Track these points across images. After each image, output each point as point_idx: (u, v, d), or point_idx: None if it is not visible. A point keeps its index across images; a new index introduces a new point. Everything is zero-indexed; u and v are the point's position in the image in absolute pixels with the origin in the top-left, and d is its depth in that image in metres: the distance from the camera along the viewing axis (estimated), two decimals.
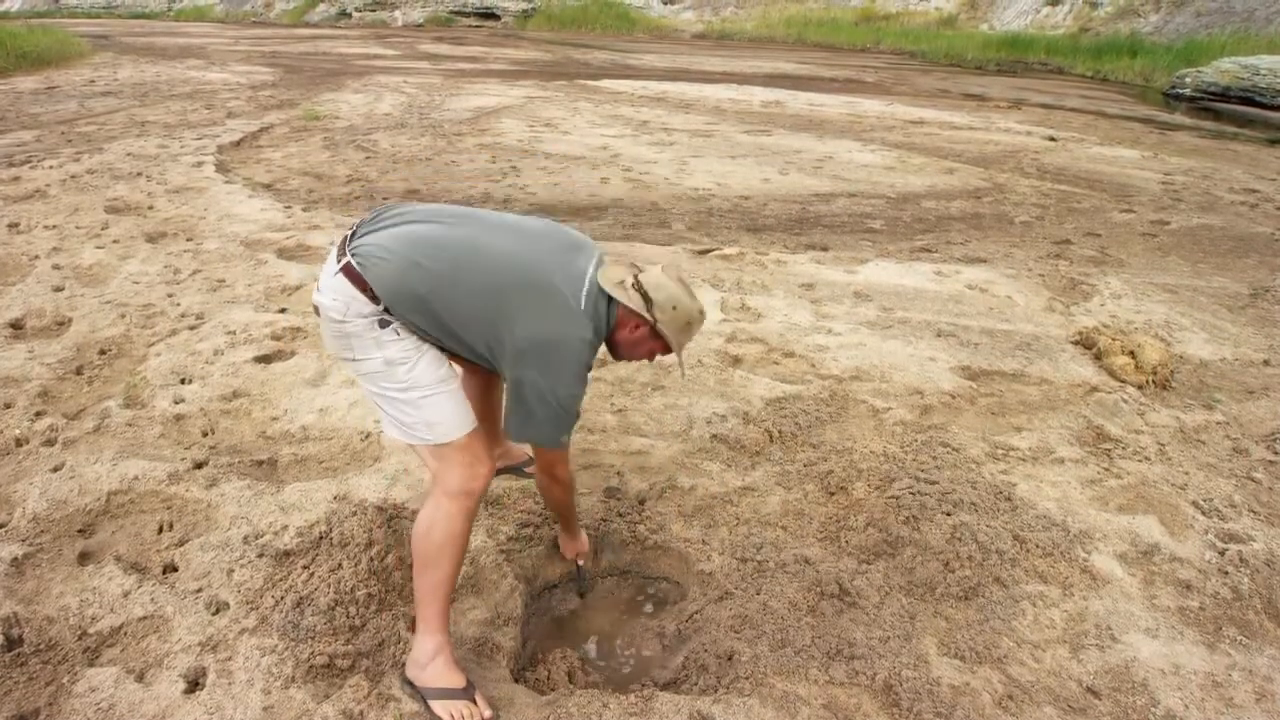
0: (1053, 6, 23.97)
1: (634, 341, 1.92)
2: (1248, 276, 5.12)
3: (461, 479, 1.82)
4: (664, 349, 1.95)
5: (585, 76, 15.28)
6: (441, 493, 1.83)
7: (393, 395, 1.81)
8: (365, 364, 1.81)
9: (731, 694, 1.90)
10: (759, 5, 30.94)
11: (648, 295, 1.85)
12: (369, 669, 1.91)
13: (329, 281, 1.78)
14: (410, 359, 1.79)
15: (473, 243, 1.81)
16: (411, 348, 1.80)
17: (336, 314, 1.76)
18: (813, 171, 7.64)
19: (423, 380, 1.80)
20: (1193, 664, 2.04)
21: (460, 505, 1.82)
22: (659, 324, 1.86)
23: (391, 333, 1.77)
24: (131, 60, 16.21)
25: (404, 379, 1.79)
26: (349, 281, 1.75)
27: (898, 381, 3.46)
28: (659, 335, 1.89)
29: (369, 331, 1.77)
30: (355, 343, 1.79)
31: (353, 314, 1.75)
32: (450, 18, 33.05)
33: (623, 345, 1.93)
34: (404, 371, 1.79)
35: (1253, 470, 2.94)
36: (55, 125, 8.71)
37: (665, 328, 1.87)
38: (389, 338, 1.77)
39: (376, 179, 6.76)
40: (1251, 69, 14.09)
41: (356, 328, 1.76)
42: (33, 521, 2.35)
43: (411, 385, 1.79)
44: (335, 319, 1.77)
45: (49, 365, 3.31)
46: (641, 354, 1.97)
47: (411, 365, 1.79)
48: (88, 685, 1.82)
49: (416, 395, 1.80)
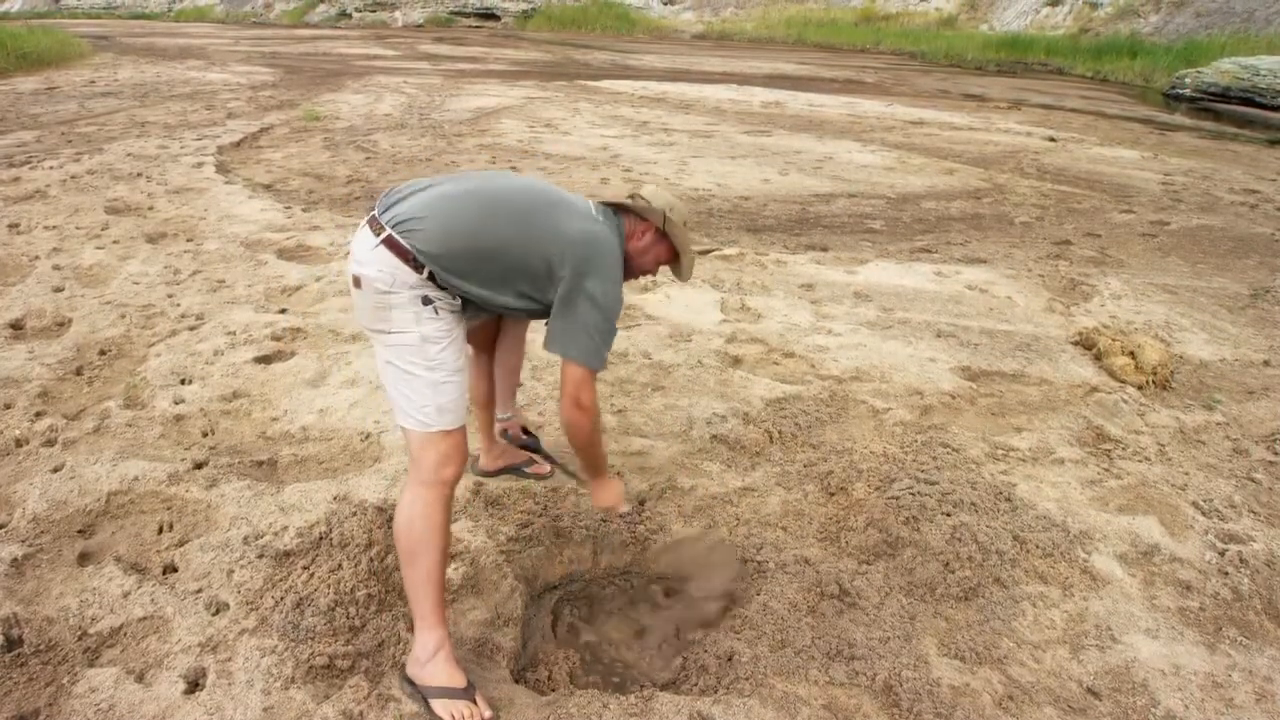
0: (1053, 7, 23.97)
1: (643, 249, 2.08)
2: (1248, 277, 5.12)
3: (436, 465, 1.85)
4: (669, 254, 2.12)
5: (585, 77, 15.28)
6: (418, 482, 1.85)
7: (418, 373, 1.84)
8: (401, 337, 1.84)
9: (731, 694, 1.90)
10: (759, 6, 30.95)
11: (648, 203, 2.06)
12: (369, 670, 1.91)
13: (370, 255, 1.82)
14: (443, 339, 1.86)
15: (491, 188, 1.97)
16: (446, 329, 1.87)
17: (384, 284, 1.81)
18: (813, 172, 7.64)
19: (448, 364, 1.86)
20: (1193, 664, 2.04)
21: (437, 493, 1.84)
22: (667, 223, 2.04)
23: (431, 311, 1.84)
24: (132, 61, 16.22)
25: (434, 358, 1.84)
26: (391, 253, 1.80)
27: (898, 382, 3.46)
28: (664, 237, 2.08)
29: (413, 305, 1.82)
30: (396, 314, 1.83)
31: (399, 284, 1.81)
32: (450, 18, 33.07)
33: (633, 256, 2.08)
34: (436, 350, 1.85)
35: (1253, 471, 2.94)
36: (55, 126, 8.71)
37: (671, 228, 2.06)
38: (429, 315, 1.84)
39: (377, 179, 6.76)
40: (1251, 69, 14.09)
41: (401, 299, 1.82)
42: (33, 522, 2.35)
43: (439, 365, 1.85)
44: (382, 289, 1.81)
45: (49, 366, 3.31)
46: (649, 263, 2.12)
47: (444, 346, 1.86)
48: (88, 686, 1.82)
49: (439, 377, 1.84)
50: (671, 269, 2.18)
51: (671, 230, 2.07)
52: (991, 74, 18.84)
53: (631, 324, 3.95)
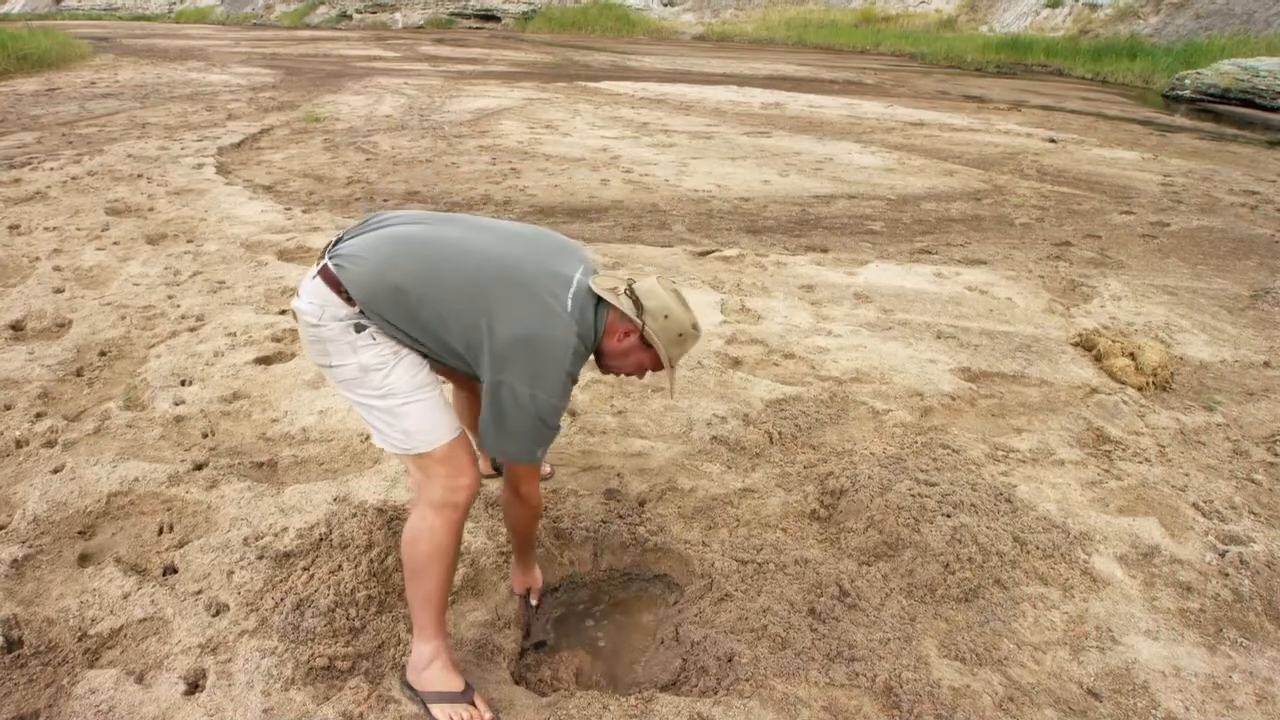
0: (1052, 9, 23.99)
1: (622, 351, 1.84)
2: (1248, 278, 5.12)
3: (443, 491, 1.76)
4: (654, 363, 1.86)
5: (585, 78, 15.30)
6: (425, 505, 1.78)
7: (370, 403, 1.76)
8: (342, 370, 1.76)
9: (732, 696, 1.90)
10: (759, 7, 30.99)
11: (639, 301, 1.79)
12: (369, 671, 1.91)
13: (305, 285, 1.77)
14: (387, 364, 1.74)
15: (454, 240, 1.78)
16: (389, 353, 1.75)
17: (312, 317, 1.73)
18: (813, 173, 7.64)
19: (399, 387, 1.74)
20: (1193, 666, 2.04)
21: (445, 518, 1.77)
22: (648, 331, 1.78)
23: (367, 337, 1.73)
24: (132, 62, 16.23)
25: (380, 385, 1.74)
26: (325, 284, 1.73)
27: (898, 383, 3.46)
28: (648, 345, 1.81)
29: (344, 335, 1.73)
30: (331, 348, 1.75)
31: (328, 317, 1.72)
32: (450, 20, 33.10)
33: (610, 355, 1.86)
34: (380, 378, 1.74)
35: (1253, 472, 2.94)
36: (56, 127, 8.71)
37: (655, 336, 1.79)
38: (364, 342, 1.73)
39: (377, 181, 6.76)
40: (1251, 71, 14.10)
41: (332, 331, 1.73)
42: (33, 523, 2.35)
43: (388, 392, 1.74)
44: (311, 323, 1.74)
45: (49, 367, 3.31)
46: (630, 366, 1.88)
47: (388, 371, 1.74)
48: (88, 687, 1.82)
49: (394, 403, 1.74)
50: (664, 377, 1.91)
51: (653, 340, 1.79)
52: (991, 75, 18.85)
53: None
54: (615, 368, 1.90)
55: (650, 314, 1.78)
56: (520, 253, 1.78)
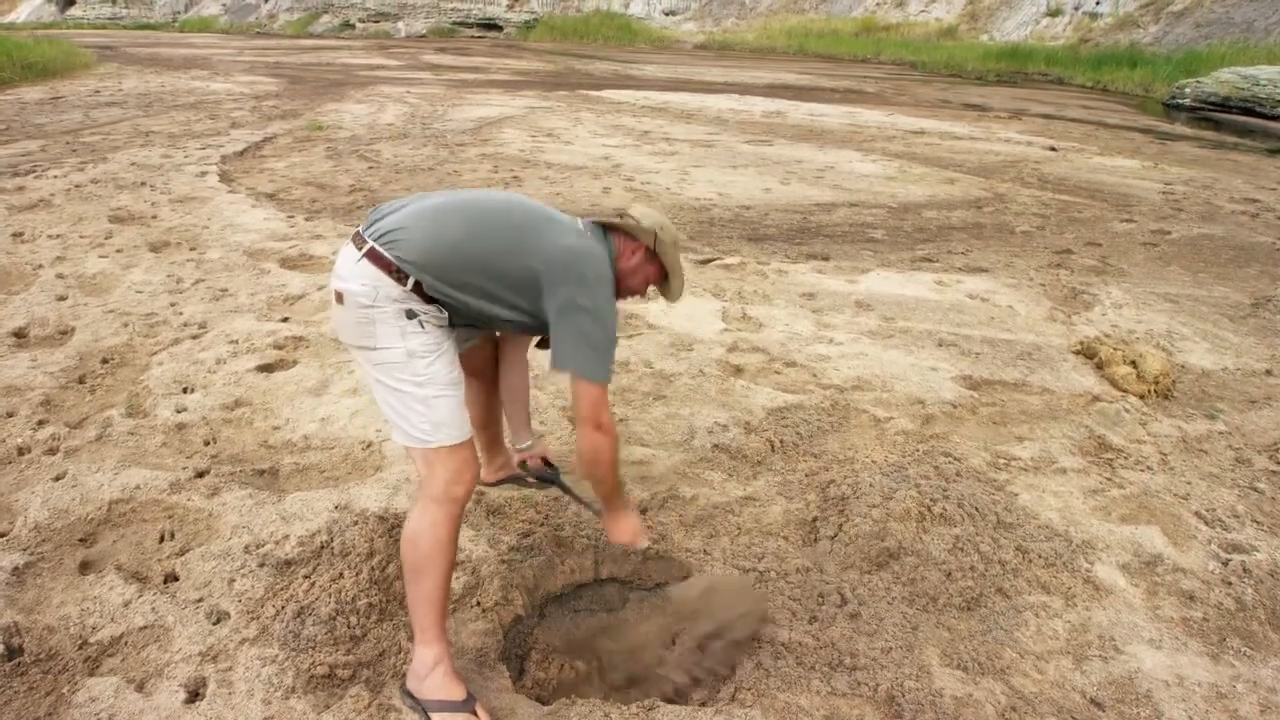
0: (1052, 18, 24.07)
1: (632, 269, 2.02)
2: (1249, 286, 5.12)
3: (447, 482, 1.82)
4: (659, 274, 2.06)
5: (587, 87, 15.35)
6: (428, 498, 1.83)
7: (407, 390, 1.82)
8: (387, 354, 1.82)
9: (734, 705, 1.89)
10: (760, 16, 31.11)
11: (639, 221, 2.00)
12: (370, 679, 1.91)
13: (352, 269, 1.81)
14: (431, 353, 1.83)
15: (478, 199, 1.98)
16: (433, 343, 1.84)
17: (366, 298, 1.78)
18: (814, 181, 7.66)
19: (439, 378, 1.83)
20: (1196, 675, 2.03)
21: (446, 511, 1.82)
22: (657, 243, 1.99)
23: (416, 325, 1.82)
24: (136, 71, 16.31)
25: (423, 373, 1.81)
26: (375, 266, 1.79)
27: (899, 391, 3.46)
28: (654, 258, 2.02)
29: (396, 320, 1.80)
30: (380, 330, 1.80)
31: (382, 298, 1.79)
32: (453, 29, 33.26)
33: (623, 275, 2.03)
34: (424, 365, 1.81)
35: (1255, 480, 2.93)
36: (60, 135, 8.75)
37: (661, 248, 2.01)
38: (413, 329, 1.81)
39: (379, 189, 6.78)
40: (1251, 79, 14.14)
41: (384, 314, 1.79)
42: (34, 530, 2.35)
43: (428, 380, 1.81)
44: (364, 303, 1.79)
45: (52, 374, 3.32)
46: (639, 283, 2.06)
47: (431, 360, 1.82)
48: (88, 695, 1.81)
49: (430, 392, 1.81)
50: (660, 290, 2.11)
51: (661, 250, 2.01)
52: (992, 84, 18.90)
53: (633, 333, 3.96)
54: (627, 287, 2.07)
55: (658, 227, 2.00)
56: (531, 205, 2.01)
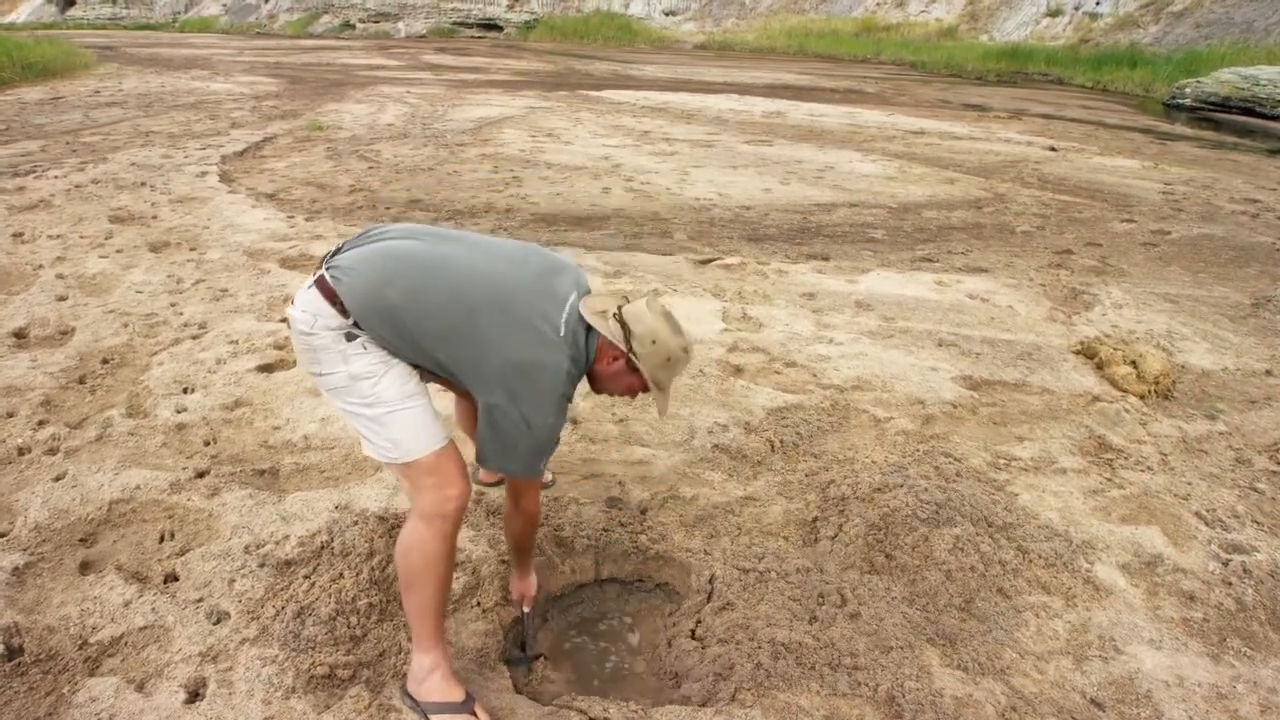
0: (1052, 18, 24.08)
1: (611, 375, 1.86)
2: (1249, 286, 5.12)
3: (432, 503, 1.77)
4: (643, 385, 1.87)
5: (587, 87, 15.35)
6: (417, 516, 1.79)
7: (358, 411, 1.78)
8: (331, 378, 1.78)
9: (733, 705, 1.89)
10: (760, 17, 31.12)
11: (627, 327, 1.80)
12: (370, 679, 1.91)
13: (301, 295, 1.78)
14: (376, 373, 1.76)
15: (447, 258, 1.79)
16: (378, 362, 1.77)
17: (304, 326, 1.75)
18: (814, 181, 7.66)
19: (387, 396, 1.76)
20: (1197, 676, 2.03)
21: (436, 529, 1.77)
22: (636, 357, 1.79)
23: (358, 346, 1.75)
24: (136, 71, 16.31)
25: (368, 394, 1.76)
26: (320, 295, 1.75)
27: (899, 391, 3.46)
28: (636, 369, 1.83)
29: (335, 345, 1.75)
30: (322, 356, 1.76)
31: (319, 326, 1.74)
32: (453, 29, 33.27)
33: (601, 378, 1.88)
34: (368, 386, 1.76)
35: (1256, 481, 2.93)
36: (60, 135, 8.75)
37: (642, 362, 1.80)
38: (354, 351, 1.75)
39: (379, 189, 6.78)
40: (1252, 79, 14.14)
41: (323, 340, 1.75)
42: (34, 530, 2.35)
43: (376, 401, 1.76)
44: (303, 331, 1.75)
45: (52, 374, 3.32)
46: (620, 389, 1.90)
47: (376, 380, 1.76)
48: (88, 695, 1.82)
49: (381, 411, 1.76)
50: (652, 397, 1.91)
51: (640, 365, 1.80)
52: (992, 84, 18.91)
53: None
54: (607, 389, 1.93)
55: (638, 339, 1.79)
56: (515, 275, 1.79)
